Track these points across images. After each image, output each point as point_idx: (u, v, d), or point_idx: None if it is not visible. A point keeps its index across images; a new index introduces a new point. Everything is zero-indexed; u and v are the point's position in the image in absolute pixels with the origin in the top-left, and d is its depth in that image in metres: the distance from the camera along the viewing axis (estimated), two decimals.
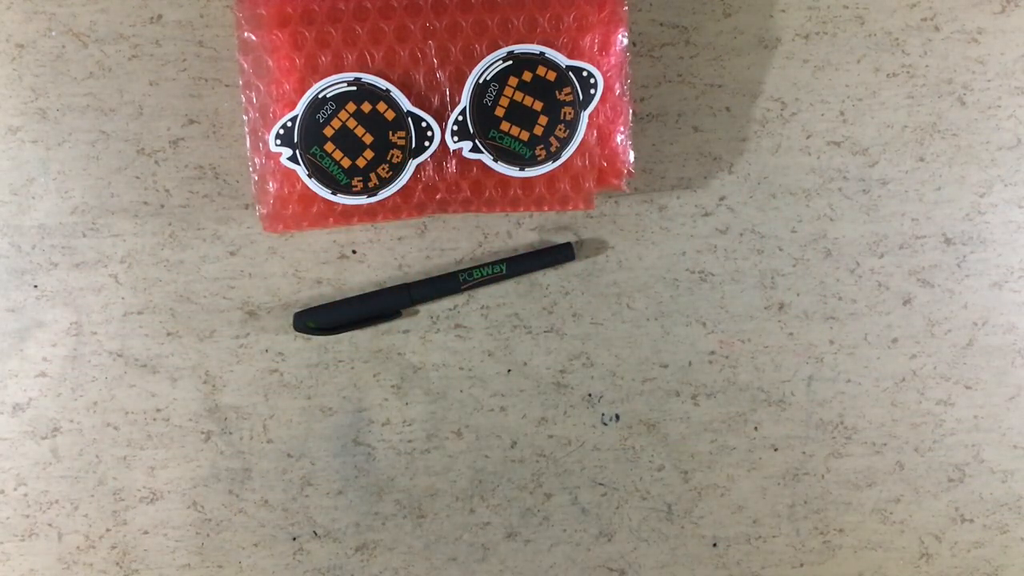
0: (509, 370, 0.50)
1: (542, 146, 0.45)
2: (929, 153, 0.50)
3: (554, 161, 0.45)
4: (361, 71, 0.44)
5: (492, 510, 0.50)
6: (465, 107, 0.44)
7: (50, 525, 0.50)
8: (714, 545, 0.51)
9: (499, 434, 0.50)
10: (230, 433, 0.49)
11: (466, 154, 0.45)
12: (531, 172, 0.45)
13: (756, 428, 0.50)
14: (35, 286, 0.49)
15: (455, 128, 0.45)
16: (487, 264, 0.48)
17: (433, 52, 0.45)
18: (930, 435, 0.51)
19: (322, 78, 0.44)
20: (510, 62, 0.44)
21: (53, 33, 0.48)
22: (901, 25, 0.50)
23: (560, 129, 0.45)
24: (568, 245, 0.49)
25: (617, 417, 0.50)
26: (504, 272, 0.48)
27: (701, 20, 0.49)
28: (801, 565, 0.51)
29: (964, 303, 0.50)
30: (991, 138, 0.50)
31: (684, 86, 0.49)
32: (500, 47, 0.44)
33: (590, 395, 0.50)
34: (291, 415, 0.49)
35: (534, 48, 0.44)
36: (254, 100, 0.45)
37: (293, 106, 0.44)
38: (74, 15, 0.48)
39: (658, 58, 0.49)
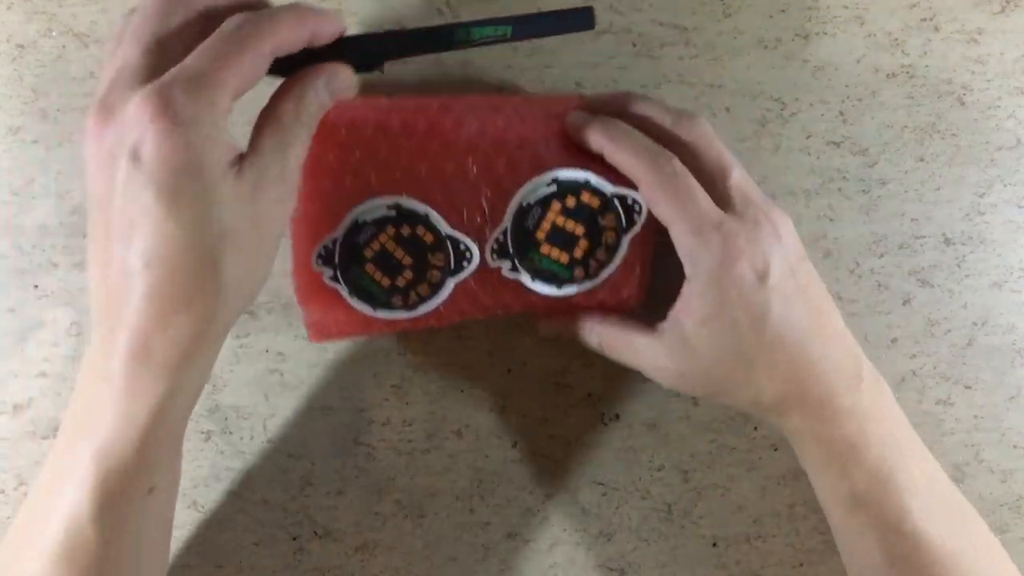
0: (509, 370, 0.50)
1: (581, 268, 0.44)
2: (929, 153, 0.50)
3: (591, 281, 0.45)
4: (400, 194, 0.44)
5: (492, 510, 0.50)
6: (507, 228, 0.44)
7: None
8: (714, 545, 0.51)
9: (499, 434, 0.50)
10: (230, 433, 0.49)
11: (505, 274, 0.44)
12: (568, 291, 0.45)
13: (756, 428, 0.50)
14: (35, 286, 0.49)
15: (495, 247, 0.44)
16: (489, 21, 0.40)
17: (475, 172, 0.44)
18: (930, 435, 0.51)
19: (361, 201, 0.43)
20: (554, 187, 0.44)
21: (53, 33, 0.48)
22: (901, 25, 0.50)
23: (600, 252, 0.44)
24: (588, 9, 0.41)
25: (617, 417, 0.50)
26: (509, 36, 0.41)
27: (701, 20, 0.49)
28: (801, 565, 0.51)
29: (964, 303, 0.50)
30: (991, 138, 0.50)
31: (684, 86, 0.49)
32: (545, 172, 0.44)
33: (590, 395, 0.50)
34: (291, 415, 0.49)
35: (579, 175, 0.44)
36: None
37: (333, 227, 0.44)
38: (74, 15, 0.48)
39: (658, 58, 0.49)
